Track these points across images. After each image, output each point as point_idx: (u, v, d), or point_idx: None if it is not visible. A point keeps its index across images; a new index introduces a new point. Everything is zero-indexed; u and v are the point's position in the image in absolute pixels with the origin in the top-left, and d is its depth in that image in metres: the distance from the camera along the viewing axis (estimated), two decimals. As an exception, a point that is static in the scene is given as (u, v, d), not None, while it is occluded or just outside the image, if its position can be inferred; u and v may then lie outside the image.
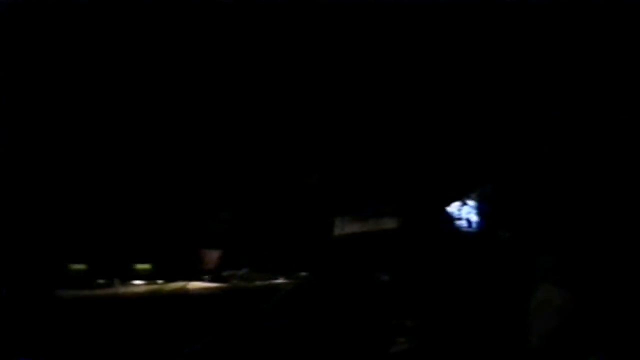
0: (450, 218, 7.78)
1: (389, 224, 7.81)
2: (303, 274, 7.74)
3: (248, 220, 8.35)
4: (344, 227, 8.03)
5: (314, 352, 6.98)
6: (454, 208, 7.81)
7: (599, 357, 5.79)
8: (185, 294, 7.70)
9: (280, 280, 7.77)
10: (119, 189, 8.23)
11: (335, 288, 7.43)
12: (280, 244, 8.16)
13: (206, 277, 7.96)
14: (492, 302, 6.92)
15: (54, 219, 7.80)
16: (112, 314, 7.25)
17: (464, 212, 7.77)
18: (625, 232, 6.73)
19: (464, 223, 7.73)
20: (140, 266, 7.96)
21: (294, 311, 7.34)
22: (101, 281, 7.75)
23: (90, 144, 8.13)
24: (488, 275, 7.13)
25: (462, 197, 7.80)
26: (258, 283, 7.83)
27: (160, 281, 7.84)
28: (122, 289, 7.74)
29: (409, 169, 8.00)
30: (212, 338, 7.06)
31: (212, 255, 8.13)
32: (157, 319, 7.22)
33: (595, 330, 5.92)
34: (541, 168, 7.36)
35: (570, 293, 5.93)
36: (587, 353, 5.81)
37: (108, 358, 6.79)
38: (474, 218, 7.70)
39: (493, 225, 7.63)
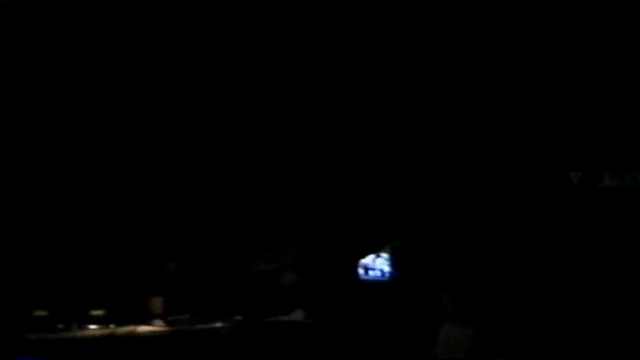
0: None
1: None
2: (238, 317, 8.35)
3: (192, 269, 8.93)
4: (259, 266, 8.73)
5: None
6: (368, 259, 8.44)
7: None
8: (135, 337, 8.25)
9: (218, 324, 8.34)
10: (78, 243, 8.78)
11: (264, 331, 8.06)
12: (218, 291, 8.73)
13: (153, 321, 8.49)
14: (404, 341, 7.62)
15: (20, 270, 8.29)
16: (71, 356, 7.86)
17: (378, 263, 8.38)
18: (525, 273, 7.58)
19: (377, 273, 8.36)
20: (95, 312, 8.43)
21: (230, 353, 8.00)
22: (61, 326, 8.27)
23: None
24: (399, 318, 7.84)
25: (376, 250, 8.42)
26: (199, 327, 8.38)
27: (112, 325, 8.35)
28: (79, 333, 8.23)
29: (329, 219, 8.63)
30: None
31: (158, 302, 8.65)
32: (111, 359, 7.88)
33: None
34: (449, 222, 8.15)
35: (471, 329, 6.65)
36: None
37: None
38: (387, 268, 8.34)
39: (404, 274, 8.26)
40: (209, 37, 8.24)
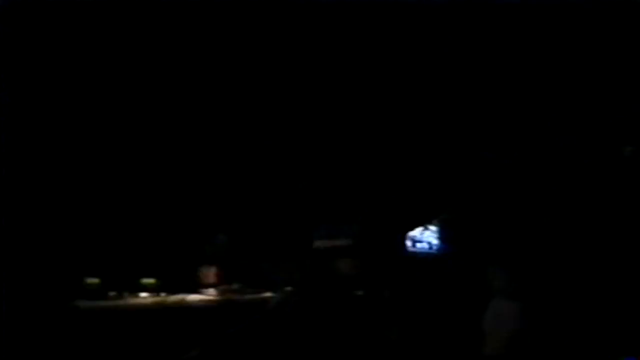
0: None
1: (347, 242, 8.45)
2: (288, 288, 8.36)
3: (241, 241, 8.99)
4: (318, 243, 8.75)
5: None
6: (416, 232, 8.42)
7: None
8: (185, 306, 8.37)
9: (268, 294, 8.38)
10: (132, 213, 8.89)
11: (313, 301, 8.04)
12: (269, 261, 8.78)
13: (204, 290, 8.57)
14: (449, 316, 7.57)
15: (73, 239, 8.50)
16: (122, 323, 7.86)
17: (426, 235, 8.36)
18: (572, 248, 7.49)
19: (425, 246, 8.34)
20: (146, 280, 8.56)
21: (280, 322, 8.01)
22: (112, 293, 8.42)
23: (103, 168, 8.76)
24: (446, 292, 7.79)
25: (424, 223, 8.40)
26: (248, 296, 8.45)
27: (163, 294, 8.48)
28: (130, 301, 8.35)
29: (377, 194, 8.61)
30: (208, 345, 7.71)
31: (210, 272, 8.74)
32: (160, 327, 7.85)
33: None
34: (496, 194, 8.08)
35: (520, 305, 6.59)
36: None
37: None
38: (434, 241, 8.31)
39: (452, 247, 8.22)
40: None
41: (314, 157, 8.85)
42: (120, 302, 8.35)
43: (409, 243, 8.39)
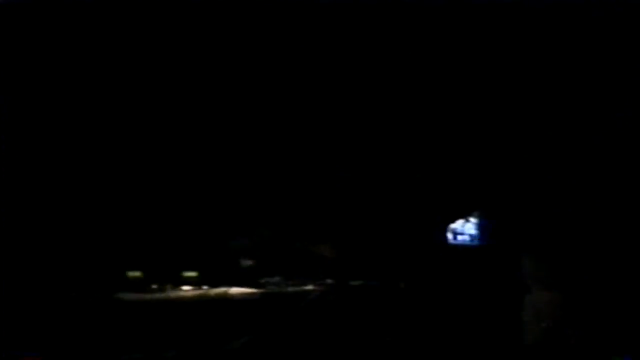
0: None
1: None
2: (329, 281, 8.39)
3: (283, 234, 9.03)
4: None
5: (337, 351, 7.74)
6: (457, 224, 8.41)
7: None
8: (227, 298, 8.44)
9: (308, 287, 8.41)
10: (174, 206, 8.94)
11: (353, 294, 8.09)
12: (309, 255, 8.80)
13: (245, 283, 8.62)
14: (490, 307, 7.57)
15: (115, 232, 8.56)
16: (164, 315, 8.07)
17: (467, 227, 8.34)
18: (609, 237, 7.44)
19: (466, 238, 8.32)
20: (188, 274, 8.64)
21: (320, 314, 8.08)
22: (155, 286, 8.52)
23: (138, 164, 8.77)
24: (487, 282, 7.78)
25: (465, 214, 8.38)
26: (289, 289, 8.50)
27: (205, 287, 8.55)
28: (173, 294, 8.43)
29: (418, 187, 8.61)
30: (251, 336, 7.80)
31: (251, 265, 8.79)
32: (203, 320, 8.05)
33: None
34: (534, 184, 8.05)
35: (559, 295, 6.57)
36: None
37: (161, 353, 7.57)
38: (476, 233, 8.29)
39: (492, 239, 8.20)
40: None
41: (353, 149, 8.78)
42: (162, 295, 8.38)
43: (450, 235, 8.36)
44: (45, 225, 8.12)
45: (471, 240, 8.38)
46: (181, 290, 8.53)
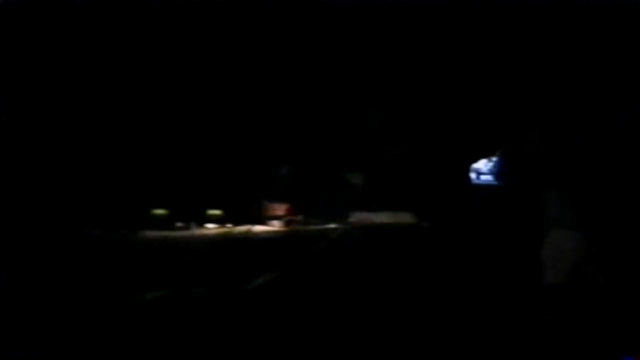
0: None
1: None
2: (351, 220, 8.42)
3: (306, 173, 9.07)
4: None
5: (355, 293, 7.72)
6: (480, 164, 8.32)
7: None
8: (250, 236, 8.47)
9: (331, 226, 8.45)
10: (200, 146, 9.03)
11: (376, 233, 8.07)
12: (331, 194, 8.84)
13: (269, 222, 8.69)
14: (513, 246, 7.51)
15: (140, 172, 8.68)
16: (189, 252, 8.10)
17: (490, 167, 8.26)
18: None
19: (489, 177, 8.25)
20: (213, 212, 8.73)
21: (341, 254, 8.05)
22: (179, 224, 8.59)
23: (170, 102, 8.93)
24: (510, 221, 7.72)
25: (488, 154, 8.29)
26: (312, 227, 8.52)
27: (229, 225, 8.61)
28: (197, 231, 8.53)
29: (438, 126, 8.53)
30: (274, 273, 7.85)
31: (274, 204, 8.87)
32: (226, 256, 8.11)
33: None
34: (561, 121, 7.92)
35: (581, 235, 6.48)
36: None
37: (183, 288, 7.67)
38: (499, 172, 8.21)
39: (515, 178, 8.12)
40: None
41: (387, 84, 8.72)
42: (187, 233, 8.47)
43: (473, 175, 8.30)
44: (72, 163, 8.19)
45: (494, 180, 8.31)
46: (205, 228, 8.62)
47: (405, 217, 8.18)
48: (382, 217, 8.23)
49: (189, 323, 6.47)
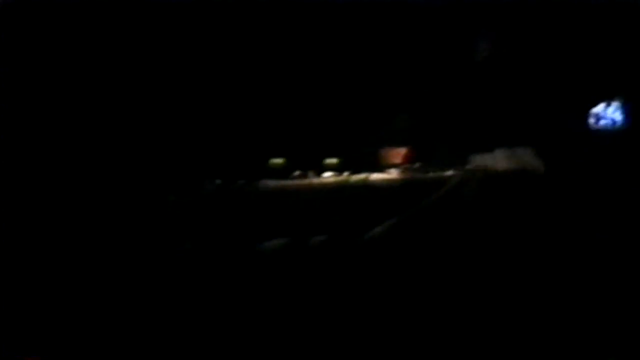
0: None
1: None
2: (469, 167, 8.27)
3: (423, 119, 8.98)
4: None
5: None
6: (599, 108, 8.07)
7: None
8: (368, 185, 8.45)
9: (449, 173, 8.32)
10: (317, 93, 9.04)
11: (497, 180, 7.93)
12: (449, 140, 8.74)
13: (386, 169, 8.63)
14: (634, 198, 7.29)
15: (258, 122, 8.86)
16: (307, 201, 8.20)
17: (609, 112, 8.01)
18: None
19: (608, 122, 8.00)
20: (330, 160, 8.73)
21: (460, 201, 7.98)
22: (297, 173, 8.63)
23: None
24: (631, 170, 7.48)
25: (607, 98, 8.03)
26: (431, 175, 8.41)
27: (346, 173, 8.60)
28: (314, 180, 8.55)
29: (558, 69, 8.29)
30: (392, 221, 7.83)
31: (392, 150, 8.80)
32: (344, 205, 8.12)
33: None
34: None
35: None
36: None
37: (302, 237, 7.73)
38: (619, 117, 7.95)
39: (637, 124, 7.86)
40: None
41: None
42: (305, 182, 8.50)
43: (591, 120, 8.07)
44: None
45: (613, 125, 8.07)
46: (322, 176, 8.62)
47: (524, 157, 7.95)
48: (500, 158, 8.05)
49: (307, 272, 6.60)
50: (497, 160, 8.03)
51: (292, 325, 6.40)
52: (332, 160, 8.73)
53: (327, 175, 8.61)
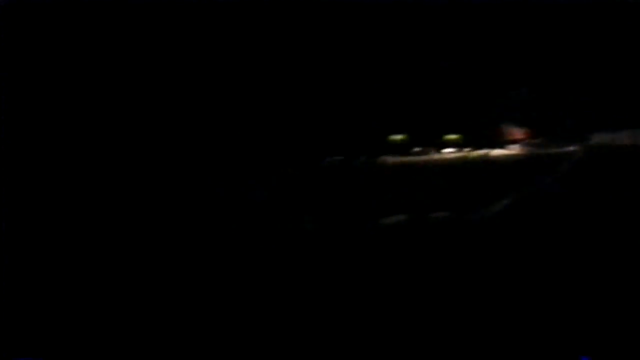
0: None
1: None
2: (593, 142, 8.17)
3: (545, 95, 8.87)
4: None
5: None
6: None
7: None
8: (488, 160, 8.44)
9: (571, 148, 8.24)
10: (435, 72, 9.05)
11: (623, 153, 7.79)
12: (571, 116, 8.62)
13: (507, 146, 8.60)
14: None
15: (379, 98, 8.80)
16: (428, 177, 8.23)
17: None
18: None
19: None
20: (450, 136, 8.74)
21: (579, 179, 7.86)
22: (417, 149, 8.68)
23: None
24: None
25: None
26: (552, 151, 8.34)
27: (467, 149, 8.61)
28: (435, 156, 8.58)
29: None
30: (513, 198, 7.81)
31: (512, 127, 8.76)
32: (465, 181, 8.15)
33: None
34: None
35: None
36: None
37: (423, 213, 7.78)
38: None
39: None
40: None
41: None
42: (425, 158, 8.55)
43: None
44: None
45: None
46: (443, 153, 8.65)
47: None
48: (623, 138, 7.92)
49: (428, 247, 6.62)
50: (622, 137, 7.91)
51: (415, 300, 6.45)
52: (453, 137, 8.73)
53: (448, 151, 8.64)
